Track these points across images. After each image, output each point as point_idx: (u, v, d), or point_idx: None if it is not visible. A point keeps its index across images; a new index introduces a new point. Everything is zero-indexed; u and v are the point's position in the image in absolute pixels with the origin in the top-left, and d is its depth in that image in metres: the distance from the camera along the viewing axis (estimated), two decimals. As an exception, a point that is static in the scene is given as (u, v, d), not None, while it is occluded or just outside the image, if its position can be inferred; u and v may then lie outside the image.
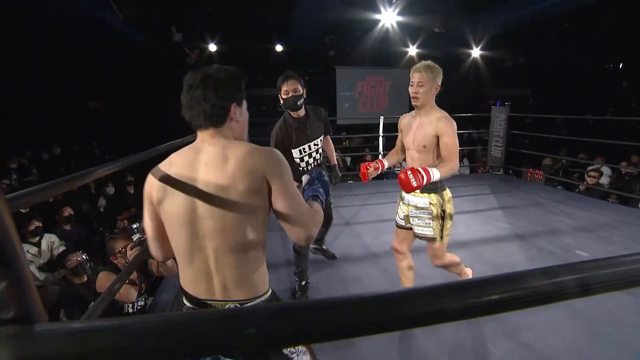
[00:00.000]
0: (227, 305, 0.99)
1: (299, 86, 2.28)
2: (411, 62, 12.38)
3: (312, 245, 3.06)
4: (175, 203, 0.96)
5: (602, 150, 7.24)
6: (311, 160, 2.44)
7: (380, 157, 6.07)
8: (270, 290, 1.09)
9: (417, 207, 2.01)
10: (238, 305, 0.99)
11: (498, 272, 0.48)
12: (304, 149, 2.38)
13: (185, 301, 1.04)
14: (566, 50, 11.58)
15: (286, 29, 10.05)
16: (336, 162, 2.73)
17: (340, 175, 2.72)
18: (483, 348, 2.02)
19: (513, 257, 3.13)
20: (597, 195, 5.26)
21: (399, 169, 6.35)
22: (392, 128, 3.91)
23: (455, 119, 1.93)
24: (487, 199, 5.02)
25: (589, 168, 6.07)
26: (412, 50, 11.95)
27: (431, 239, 2.01)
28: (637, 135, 7.77)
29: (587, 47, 11.18)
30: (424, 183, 1.73)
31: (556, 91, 12.76)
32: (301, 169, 2.40)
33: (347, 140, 10.46)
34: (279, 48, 10.75)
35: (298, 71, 2.39)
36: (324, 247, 3.10)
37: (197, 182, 0.95)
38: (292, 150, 2.36)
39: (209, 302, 1.00)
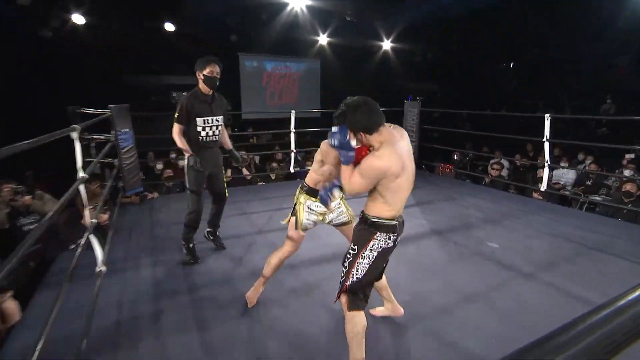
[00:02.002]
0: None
1: (220, 70, 2.97)
2: (322, 51, 12.68)
3: (206, 229, 3.47)
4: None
5: (500, 144, 8.32)
6: (210, 133, 3.06)
7: (292, 155, 6.05)
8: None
9: (331, 210, 2.34)
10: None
11: (421, 270, 0.44)
12: (206, 120, 3.01)
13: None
14: (468, 48, 13.07)
15: (179, 5, 9.37)
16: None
17: (240, 158, 3.33)
18: (408, 351, 2.11)
19: (433, 254, 3.38)
20: (500, 186, 6.01)
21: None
22: (304, 123, 3.89)
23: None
24: None
25: (492, 161, 6.92)
26: (323, 39, 12.18)
27: (347, 222, 2.37)
28: (528, 129, 9.08)
29: (486, 46, 12.76)
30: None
31: (460, 87, 14.29)
32: (201, 138, 3.02)
33: (255, 137, 10.24)
34: (169, 27, 9.65)
35: (194, 56, 2.98)
36: (218, 233, 3.51)
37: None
38: (197, 119, 2.97)
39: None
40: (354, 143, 1.76)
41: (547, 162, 4.78)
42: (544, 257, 3.32)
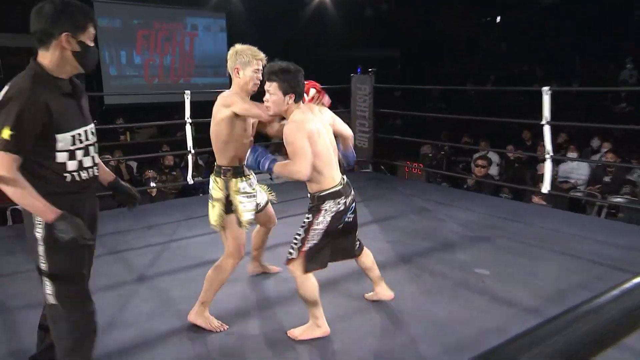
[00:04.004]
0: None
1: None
2: (228, 0, 12.56)
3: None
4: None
5: (486, 132, 8.76)
6: (87, 161, 2.39)
7: (190, 156, 5.93)
8: None
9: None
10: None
11: (387, 316, 0.50)
12: (78, 135, 2.32)
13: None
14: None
15: None
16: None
17: (136, 193, 2.74)
18: None
19: (402, 290, 3.43)
20: (488, 190, 6.36)
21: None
22: (205, 109, 3.83)
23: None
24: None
25: (476, 156, 7.27)
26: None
27: (267, 203, 3.42)
28: (523, 109, 9.64)
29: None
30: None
31: (429, 52, 14.86)
32: (69, 174, 2.29)
33: (128, 133, 9.92)
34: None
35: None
36: None
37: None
38: (57, 135, 2.35)
39: None
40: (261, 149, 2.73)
41: (549, 153, 5.13)
42: (552, 285, 3.54)
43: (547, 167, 5.16)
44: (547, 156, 5.14)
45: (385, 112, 7.33)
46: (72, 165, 2.21)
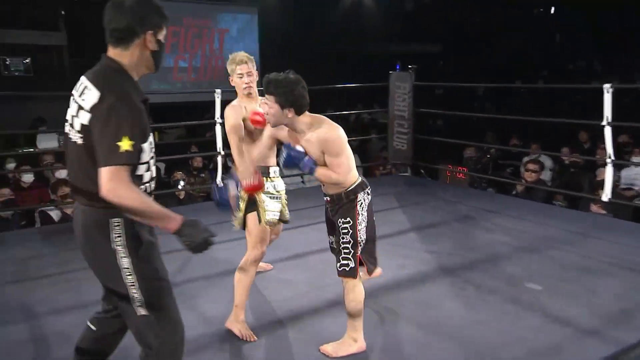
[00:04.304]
0: None
1: None
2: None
3: None
4: None
5: (538, 133, 8.56)
6: (154, 169, 2.27)
7: (219, 157, 5.96)
8: None
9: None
10: None
11: (428, 331, 0.48)
12: (151, 142, 2.15)
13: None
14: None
15: None
16: None
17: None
18: None
19: (444, 304, 3.41)
20: (540, 197, 6.20)
21: None
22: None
23: (332, 91, 2.34)
24: (393, 217, 5.39)
25: (526, 159, 7.12)
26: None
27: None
28: (579, 109, 9.41)
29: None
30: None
31: (475, 48, 14.65)
32: (146, 183, 2.16)
33: (157, 133, 10.09)
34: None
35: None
36: None
37: None
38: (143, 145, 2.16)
39: None
40: (299, 148, 2.71)
41: (610, 157, 4.99)
42: (614, 304, 3.43)
43: (608, 173, 5.02)
44: (608, 160, 5.01)
45: (426, 111, 7.23)
46: (147, 176, 2.12)
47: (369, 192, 2.87)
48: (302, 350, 2.96)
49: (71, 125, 1.99)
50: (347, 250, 2.80)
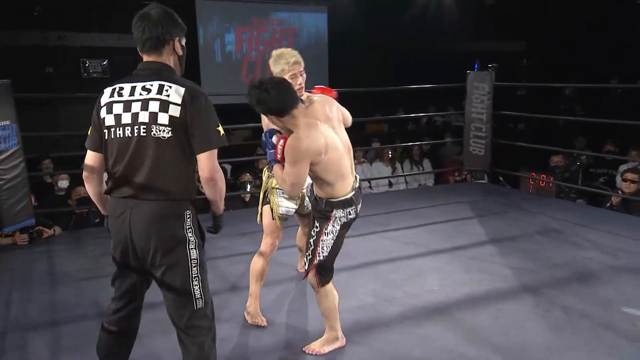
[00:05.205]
0: None
1: None
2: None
3: None
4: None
5: (637, 138, 8.03)
6: None
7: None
8: None
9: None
10: None
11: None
12: None
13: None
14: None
15: None
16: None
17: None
18: None
19: (527, 326, 3.26)
20: (639, 210, 5.72)
21: None
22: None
23: (405, 91, 2.23)
24: (468, 228, 5.23)
25: (623, 168, 6.69)
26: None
27: None
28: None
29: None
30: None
31: (562, 44, 14.02)
32: None
33: (225, 134, 10.35)
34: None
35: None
36: None
37: None
38: None
39: None
40: (274, 139, 2.75)
41: None
42: None
43: None
44: None
45: (506, 114, 6.95)
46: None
47: (353, 211, 2.87)
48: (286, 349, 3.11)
49: (146, 124, 2.12)
50: (307, 253, 2.90)
